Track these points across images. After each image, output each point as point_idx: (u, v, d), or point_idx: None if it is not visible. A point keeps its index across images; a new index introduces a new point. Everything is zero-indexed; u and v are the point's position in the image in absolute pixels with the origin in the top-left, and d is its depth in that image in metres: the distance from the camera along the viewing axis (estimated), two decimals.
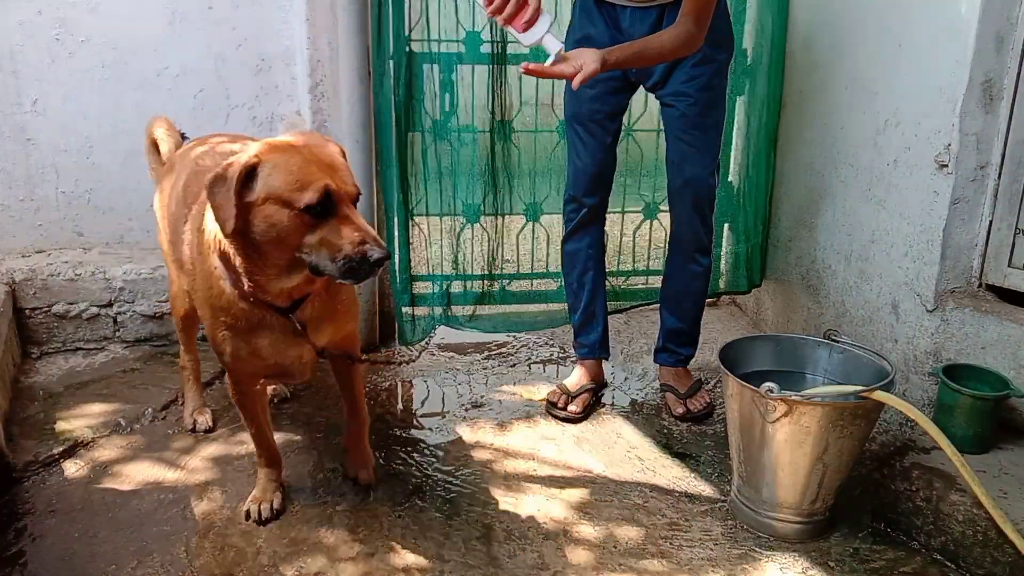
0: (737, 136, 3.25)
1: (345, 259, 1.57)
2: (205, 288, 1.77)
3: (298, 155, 1.58)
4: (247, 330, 1.77)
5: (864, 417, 1.91)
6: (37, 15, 2.81)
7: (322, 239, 1.58)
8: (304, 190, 1.54)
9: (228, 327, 1.78)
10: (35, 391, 2.58)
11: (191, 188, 1.94)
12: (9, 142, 2.90)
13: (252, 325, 1.77)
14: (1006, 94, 2.13)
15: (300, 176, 1.55)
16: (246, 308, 1.73)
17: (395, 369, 2.90)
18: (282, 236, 1.59)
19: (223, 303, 1.74)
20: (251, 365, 1.85)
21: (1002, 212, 2.18)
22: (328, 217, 1.57)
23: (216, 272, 1.72)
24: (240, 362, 1.84)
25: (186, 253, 1.85)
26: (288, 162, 1.57)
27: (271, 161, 1.57)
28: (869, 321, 2.52)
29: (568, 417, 2.55)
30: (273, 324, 1.77)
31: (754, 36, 3.06)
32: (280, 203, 1.56)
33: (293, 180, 1.55)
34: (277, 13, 2.94)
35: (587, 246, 2.59)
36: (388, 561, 1.90)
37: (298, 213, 1.56)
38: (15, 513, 2.02)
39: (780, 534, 2.02)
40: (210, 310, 1.78)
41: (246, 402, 1.98)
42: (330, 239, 1.57)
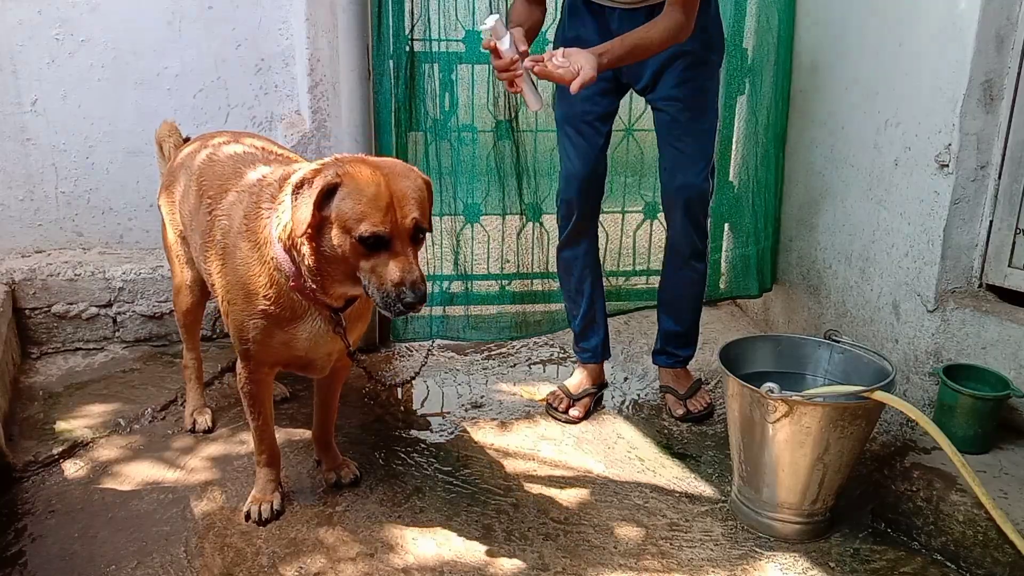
0: (738, 136, 3.25)
1: (385, 294, 1.68)
2: (250, 274, 1.82)
3: (373, 187, 1.66)
4: (288, 320, 1.84)
5: (865, 417, 1.91)
6: (37, 15, 2.81)
7: (373, 268, 1.68)
8: (362, 223, 1.64)
9: (267, 315, 1.83)
10: (35, 391, 2.58)
11: (207, 181, 2.02)
12: (9, 142, 2.90)
13: (294, 316, 1.84)
14: (1006, 94, 2.13)
15: (364, 208, 1.65)
16: (294, 300, 1.81)
17: (395, 369, 2.89)
18: (343, 255, 1.69)
19: (271, 292, 1.81)
20: (277, 354, 1.90)
21: (1002, 212, 2.18)
22: (381, 250, 1.67)
23: (273, 262, 1.79)
24: (268, 350, 1.89)
25: (217, 239, 1.91)
26: (361, 191, 1.65)
27: (348, 186, 1.66)
28: (870, 321, 2.52)
29: (568, 420, 2.55)
30: (315, 318, 1.85)
31: (755, 35, 3.06)
32: (343, 227, 1.67)
33: (358, 211, 1.65)
34: (277, 13, 2.94)
35: (583, 253, 2.57)
36: (388, 561, 1.90)
37: (354, 242, 1.66)
38: (15, 513, 2.02)
39: (780, 534, 2.02)
40: (249, 296, 1.84)
41: (257, 392, 1.98)
42: (379, 270, 1.68)
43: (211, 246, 1.95)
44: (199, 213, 2.02)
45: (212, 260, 1.94)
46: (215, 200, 1.97)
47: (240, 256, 1.84)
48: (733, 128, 3.24)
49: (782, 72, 2.98)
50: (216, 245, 1.92)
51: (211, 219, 1.96)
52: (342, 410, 2.43)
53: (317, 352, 1.92)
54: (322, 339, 1.88)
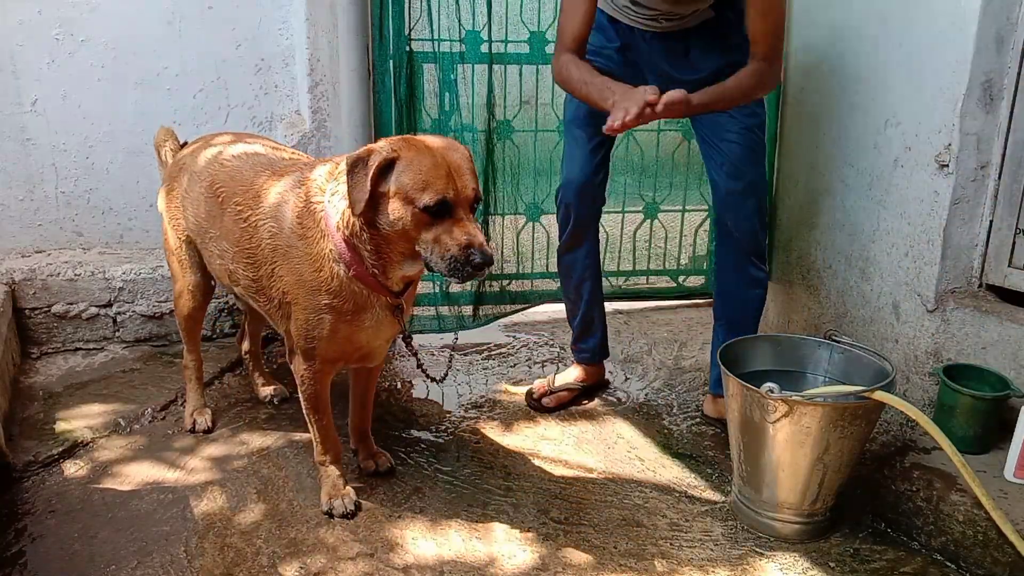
0: None
1: (452, 259, 1.71)
2: (311, 271, 1.86)
3: (430, 157, 1.71)
4: (352, 311, 1.87)
5: (865, 417, 1.91)
6: (37, 15, 2.81)
7: (436, 237, 1.72)
8: (425, 191, 1.69)
9: (331, 309, 1.86)
10: (35, 391, 2.58)
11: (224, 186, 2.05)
12: (9, 142, 2.90)
13: (358, 307, 1.88)
14: (1006, 94, 2.13)
15: (426, 177, 1.69)
16: (356, 290, 1.85)
17: (395, 369, 2.89)
18: (405, 229, 1.74)
19: (333, 285, 1.85)
20: (342, 348, 1.94)
21: (1002, 212, 2.18)
22: (444, 218, 1.71)
23: (329, 254, 1.83)
24: (334, 345, 1.92)
25: (264, 242, 1.94)
26: (420, 162, 1.71)
27: (406, 159, 1.71)
28: (870, 321, 2.52)
29: (537, 407, 2.60)
30: (375, 306, 1.89)
31: None
32: (404, 199, 1.71)
33: (420, 180, 1.70)
34: (277, 13, 2.94)
35: (583, 256, 2.56)
36: (388, 561, 1.90)
37: (417, 211, 1.71)
38: (15, 513, 2.02)
39: (781, 534, 2.02)
40: (312, 293, 1.87)
41: (321, 392, 2.01)
42: (443, 238, 1.72)
43: (256, 252, 1.96)
44: (222, 219, 2.03)
45: (261, 265, 1.96)
46: (247, 206, 1.98)
47: (297, 255, 1.87)
48: None
49: None
50: (263, 250, 1.94)
51: (248, 225, 1.97)
52: (342, 409, 2.43)
53: (378, 340, 1.96)
54: (382, 327, 1.93)
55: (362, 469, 2.25)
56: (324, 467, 2.10)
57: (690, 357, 3.03)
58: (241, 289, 2.09)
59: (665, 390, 2.79)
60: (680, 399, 2.73)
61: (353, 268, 1.82)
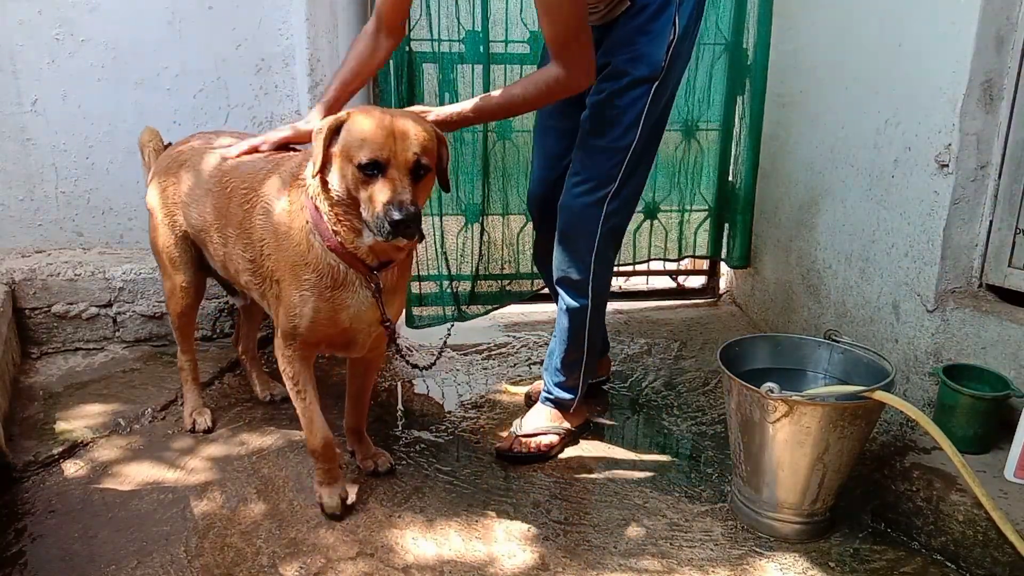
0: (738, 136, 3.26)
1: (376, 216, 1.72)
2: (293, 246, 1.89)
3: (375, 119, 1.74)
4: (331, 287, 1.88)
5: (864, 417, 1.91)
6: (37, 15, 2.81)
7: (371, 195, 1.73)
8: (361, 149, 1.72)
9: (312, 285, 1.88)
10: (35, 391, 2.58)
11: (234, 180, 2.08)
12: (9, 142, 2.90)
13: (336, 283, 1.88)
14: (1006, 94, 2.13)
15: (364, 136, 1.73)
16: (333, 264, 1.86)
17: (395, 369, 2.89)
18: (347, 188, 1.76)
19: (311, 258, 1.87)
20: (323, 330, 1.93)
21: (1002, 212, 2.18)
22: (378, 176, 1.73)
23: (307, 227, 1.86)
24: (315, 325, 1.91)
25: (256, 226, 1.97)
26: (363, 123, 1.74)
27: (352, 120, 1.77)
28: (870, 321, 2.52)
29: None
30: (356, 284, 1.89)
31: (756, 35, 3.08)
32: (346, 157, 1.75)
33: (358, 139, 1.73)
34: (277, 13, 2.93)
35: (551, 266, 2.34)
36: (388, 561, 1.90)
37: (355, 169, 1.73)
38: (15, 513, 2.02)
39: (780, 534, 2.02)
40: (293, 270, 1.89)
41: (303, 370, 2.00)
42: (373, 196, 1.73)
43: (252, 231, 1.99)
44: (228, 208, 2.06)
45: (255, 244, 1.99)
46: (251, 188, 2.02)
47: (283, 231, 1.91)
48: (732, 127, 3.26)
49: (761, 68, 3.07)
50: (256, 229, 1.97)
51: (249, 206, 2.00)
52: (342, 409, 2.43)
53: (360, 323, 1.94)
54: (364, 310, 1.91)
55: (361, 470, 2.24)
56: (316, 462, 2.08)
57: (690, 357, 3.03)
58: (239, 275, 2.09)
59: (665, 390, 2.79)
60: (680, 399, 2.73)
61: (325, 238, 1.84)
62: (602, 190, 2.12)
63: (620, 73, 2.04)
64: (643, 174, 2.20)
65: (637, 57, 2.03)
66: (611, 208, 2.14)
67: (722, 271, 3.62)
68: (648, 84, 2.05)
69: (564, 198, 2.20)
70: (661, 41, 2.02)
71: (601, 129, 2.09)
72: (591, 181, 2.13)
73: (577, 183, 2.15)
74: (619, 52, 2.04)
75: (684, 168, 3.28)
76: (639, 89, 2.05)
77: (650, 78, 2.04)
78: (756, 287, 3.31)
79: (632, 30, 2.03)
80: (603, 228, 2.16)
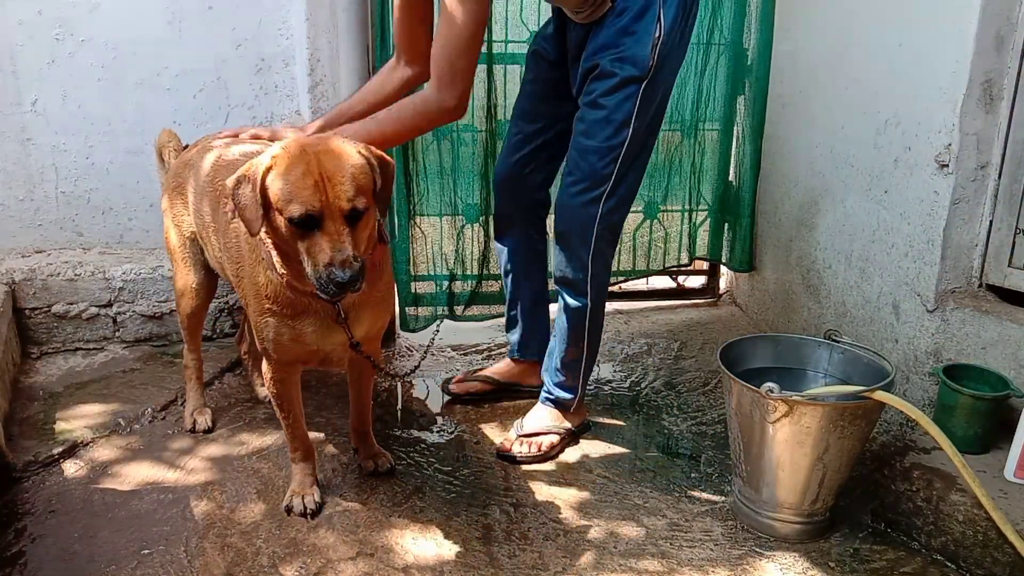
0: (738, 136, 3.26)
1: (317, 276, 1.63)
2: (252, 276, 1.85)
3: (301, 164, 1.62)
4: (291, 316, 1.85)
5: (864, 417, 1.91)
6: (37, 15, 2.81)
7: (308, 249, 1.64)
8: (291, 203, 1.60)
9: (272, 313, 1.85)
10: (35, 391, 2.58)
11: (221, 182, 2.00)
12: (9, 142, 2.90)
13: (296, 312, 1.84)
14: (1006, 94, 2.13)
15: (292, 188, 1.60)
16: (291, 296, 1.81)
17: (395, 369, 2.89)
18: (284, 239, 1.68)
19: (269, 291, 1.83)
20: (293, 351, 1.91)
21: (1002, 212, 2.18)
22: (315, 230, 1.62)
23: (263, 261, 1.81)
24: (282, 348, 1.90)
25: (232, 241, 1.92)
26: (288, 172, 1.62)
27: (276, 168, 1.63)
28: (870, 321, 2.52)
29: (445, 390, 2.67)
30: (317, 311, 1.84)
31: (757, 35, 3.08)
32: (278, 210, 1.64)
33: (287, 191, 1.61)
34: (277, 13, 2.93)
35: (508, 251, 2.51)
36: (388, 561, 1.90)
37: (287, 223, 1.63)
38: (15, 513, 2.02)
39: (780, 534, 2.02)
40: (255, 297, 1.86)
41: (283, 391, 2.00)
42: (312, 251, 1.63)
43: (231, 249, 1.96)
44: (218, 213, 2.03)
45: (233, 263, 1.96)
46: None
47: (249, 258, 1.87)
48: (733, 128, 3.26)
49: (763, 67, 3.06)
50: (234, 249, 1.94)
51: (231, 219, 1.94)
52: (341, 410, 2.44)
53: (327, 343, 1.90)
54: (328, 331, 1.88)
55: (362, 468, 2.25)
56: (294, 464, 2.10)
57: (690, 357, 3.03)
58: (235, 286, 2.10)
59: (665, 390, 2.79)
60: (680, 399, 2.73)
61: (276, 273, 1.78)
62: (597, 189, 2.13)
63: (608, 74, 2.06)
64: (638, 173, 2.20)
65: (624, 58, 2.04)
66: (607, 207, 2.15)
67: (722, 271, 3.62)
68: (636, 84, 2.05)
69: (560, 197, 2.20)
70: (646, 41, 2.03)
71: (592, 130, 2.10)
72: (586, 181, 2.13)
73: (572, 183, 2.16)
74: (606, 53, 2.06)
75: (685, 169, 3.28)
76: (628, 89, 2.06)
77: (638, 78, 2.05)
78: (756, 287, 3.31)
79: (617, 31, 2.04)
80: (599, 227, 2.16)
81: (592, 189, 2.13)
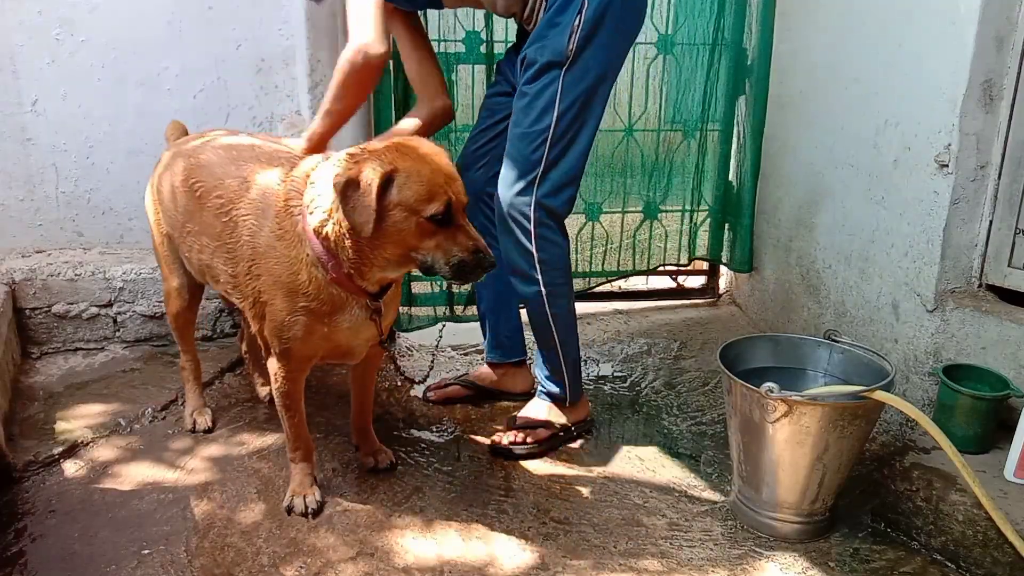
0: (739, 136, 3.26)
1: (460, 263, 1.76)
2: (287, 274, 1.85)
3: (427, 166, 1.74)
4: (328, 313, 1.88)
5: (864, 417, 1.91)
6: (37, 15, 2.81)
7: (439, 243, 1.76)
8: (431, 201, 1.72)
9: (307, 311, 1.87)
10: (35, 391, 2.58)
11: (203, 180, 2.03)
12: (9, 142, 2.90)
13: (335, 308, 1.88)
14: (1006, 94, 2.13)
15: (429, 188, 1.72)
16: (334, 293, 1.85)
17: (408, 372, 2.89)
18: (404, 238, 1.75)
19: (311, 288, 1.85)
20: (318, 347, 1.94)
21: (1002, 212, 2.18)
22: (447, 225, 1.75)
23: (306, 259, 1.83)
24: (309, 344, 1.92)
25: (244, 240, 1.92)
26: (420, 173, 1.73)
27: (405, 171, 1.72)
28: (869, 321, 2.52)
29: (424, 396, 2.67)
30: (353, 307, 1.89)
31: (757, 35, 3.08)
32: (408, 210, 1.72)
33: (424, 191, 1.72)
34: (277, 13, 2.94)
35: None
36: (388, 561, 1.90)
37: (423, 221, 1.73)
38: (15, 513, 2.02)
39: (780, 534, 2.02)
40: (288, 295, 1.87)
41: (294, 390, 2.01)
42: (446, 244, 1.76)
43: (236, 248, 1.95)
44: (202, 214, 2.01)
45: (240, 262, 1.94)
46: (229, 200, 1.96)
47: (276, 256, 1.87)
48: (733, 128, 3.26)
49: (763, 67, 3.06)
50: (244, 247, 1.93)
51: (230, 220, 1.95)
52: (341, 410, 2.44)
53: (357, 339, 1.95)
54: (361, 327, 1.92)
55: (363, 465, 2.25)
56: (294, 464, 2.10)
57: (690, 357, 3.03)
58: (220, 286, 2.07)
59: (665, 390, 2.79)
60: (680, 399, 2.73)
61: (332, 272, 1.82)
62: (528, 175, 2.16)
63: (531, 62, 2.15)
64: (574, 161, 2.20)
65: (544, 46, 2.13)
66: (541, 192, 2.17)
67: (722, 271, 3.62)
68: (557, 68, 2.12)
69: (498, 188, 2.23)
70: (566, 30, 2.10)
71: (519, 117, 2.18)
72: (516, 168, 2.19)
73: (506, 171, 2.21)
74: (532, 44, 2.15)
75: (687, 169, 3.28)
76: (548, 75, 2.13)
77: (557, 63, 2.12)
78: (756, 287, 3.31)
79: (543, 25, 2.14)
80: (537, 213, 2.17)
81: (523, 176, 2.17)
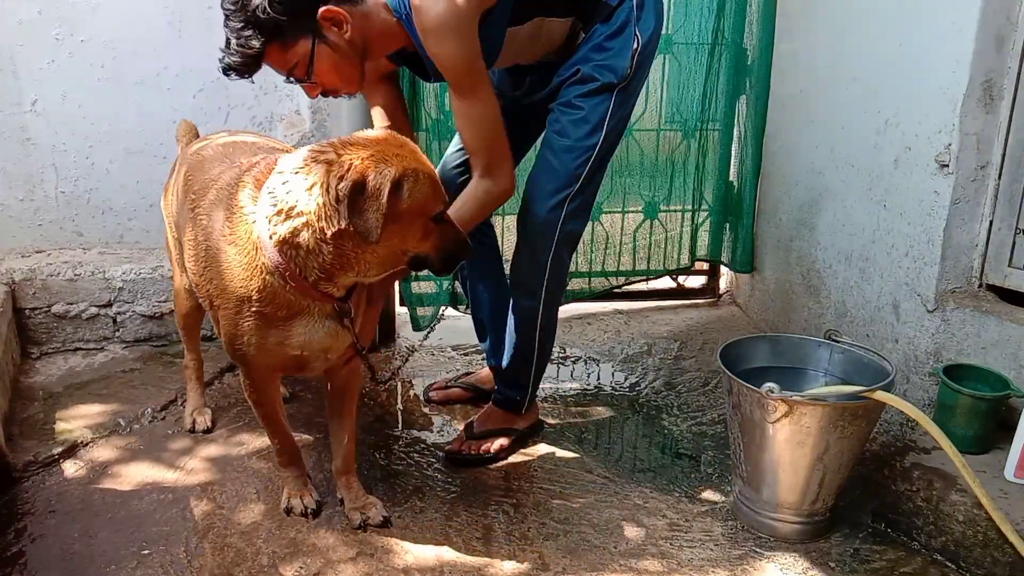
0: (739, 136, 3.26)
1: (449, 256, 1.78)
2: (239, 279, 1.71)
3: (425, 164, 1.73)
4: (283, 319, 1.74)
5: (865, 417, 1.91)
6: (37, 15, 2.81)
7: (432, 240, 1.75)
8: (436, 200, 1.73)
9: (260, 317, 1.73)
10: (35, 391, 2.58)
11: (193, 177, 1.98)
12: (9, 142, 2.90)
13: (291, 313, 1.74)
14: (1006, 94, 2.13)
15: (436, 190, 1.73)
16: (291, 298, 1.72)
17: (393, 369, 2.89)
18: (405, 239, 1.71)
19: (264, 294, 1.70)
20: (275, 356, 1.80)
21: (1002, 212, 2.18)
22: (440, 221, 1.76)
23: (261, 264, 1.68)
24: (265, 353, 1.78)
25: (199, 242, 1.81)
26: (426, 177, 1.70)
27: (414, 174, 1.67)
28: (870, 321, 2.52)
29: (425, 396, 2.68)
30: (311, 312, 1.76)
31: (757, 35, 3.08)
32: (417, 212, 1.69)
33: (430, 191, 1.71)
34: None
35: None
36: (388, 561, 1.90)
37: (428, 221, 1.73)
38: (15, 513, 2.02)
39: (781, 534, 2.02)
40: (240, 300, 1.73)
41: (263, 399, 1.93)
42: (437, 240, 1.76)
43: (192, 247, 1.86)
44: (183, 210, 1.95)
45: (196, 261, 1.85)
46: (198, 197, 1.88)
47: (226, 261, 1.73)
48: (733, 128, 3.26)
49: (765, 67, 3.06)
50: (199, 246, 1.82)
51: (192, 217, 1.86)
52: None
53: (312, 348, 1.79)
54: (319, 336, 1.77)
55: (348, 521, 2.01)
56: (282, 469, 2.06)
57: (690, 357, 3.03)
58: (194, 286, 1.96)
59: (665, 390, 2.79)
60: (680, 399, 2.73)
61: (294, 280, 1.68)
62: (566, 190, 2.15)
63: (589, 79, 2.12)
64: (599, 182, 2.25)
65: (604, 66, 2.11)
66: (571, 208, 2.17)
67: (722, 271, 3.62)
68: (612, 90, 2.12)
69: (528, 199, 2.20)
70: (625, 52, 2.11)
71: (568, 129, 2.15)
72: (556, 181, 2.15)
73: (542, 182, 2.17)
74: (587, 63, 2.12)
75: (689, 169, 3.28)
76: (604, 94, 2.13)
77: (616, 84, 2.12)
78: (756, 287, 3.31)
79: (594, 45, 2.12)
80: (561, 231, 2.18)
81: (562, 190, 2.15)
